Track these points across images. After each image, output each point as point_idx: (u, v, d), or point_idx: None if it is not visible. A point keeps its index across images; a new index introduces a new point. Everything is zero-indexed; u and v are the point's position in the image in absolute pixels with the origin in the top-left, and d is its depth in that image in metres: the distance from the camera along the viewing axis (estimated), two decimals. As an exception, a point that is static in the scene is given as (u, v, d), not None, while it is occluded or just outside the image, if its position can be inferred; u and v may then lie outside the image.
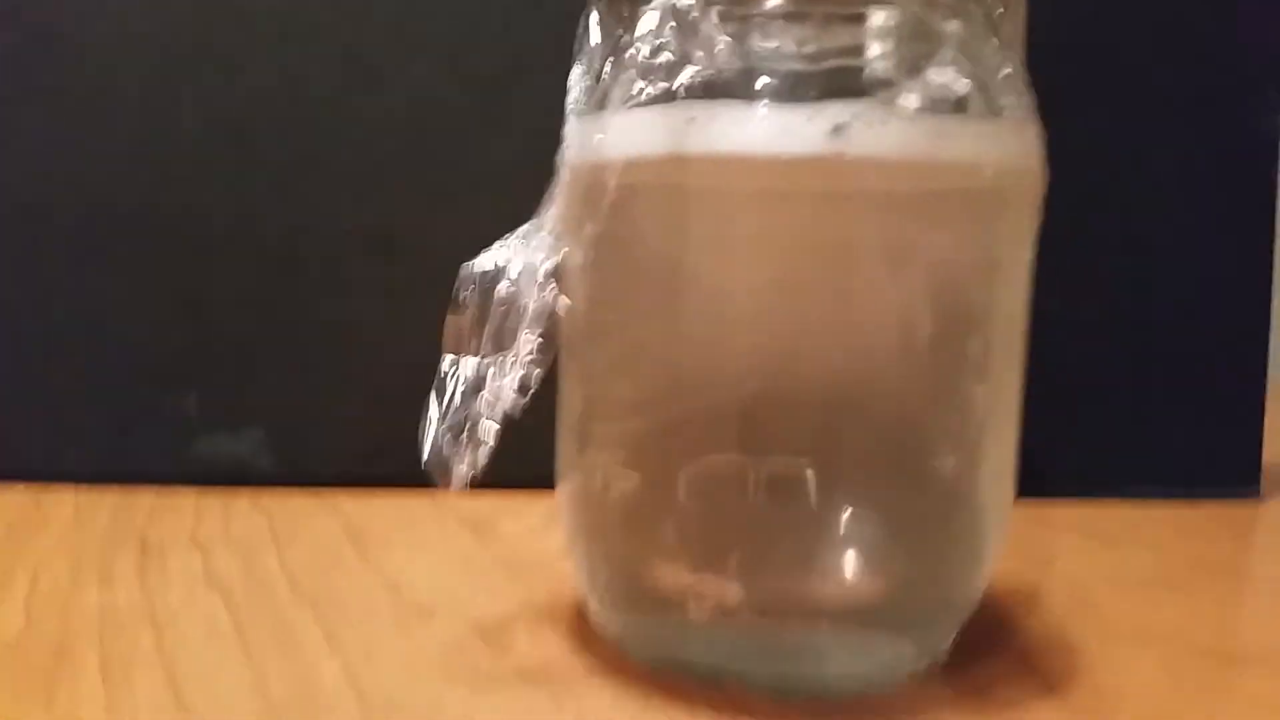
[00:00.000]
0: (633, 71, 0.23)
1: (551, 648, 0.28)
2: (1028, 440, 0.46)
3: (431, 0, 0.42)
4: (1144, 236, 0.46)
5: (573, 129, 0.26)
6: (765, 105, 0.22)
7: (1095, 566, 0.36)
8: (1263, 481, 0.46)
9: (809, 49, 0.22)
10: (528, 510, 0.40)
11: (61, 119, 0.42)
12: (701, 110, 0.22)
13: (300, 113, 0.42)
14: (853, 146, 0.21)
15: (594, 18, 0.26)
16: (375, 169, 0.43)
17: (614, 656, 0.27)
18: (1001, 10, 0.24)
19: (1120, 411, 0.46)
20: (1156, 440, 0.46)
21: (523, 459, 0.26)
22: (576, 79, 0.26)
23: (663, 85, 0.22)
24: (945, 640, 0.27)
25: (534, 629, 0.29)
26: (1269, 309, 0.46)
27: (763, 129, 0.21)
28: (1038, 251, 0.27)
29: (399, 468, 0.42)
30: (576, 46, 0.26)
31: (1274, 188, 0.46)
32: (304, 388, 0.43)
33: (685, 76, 0.22)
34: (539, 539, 0.37)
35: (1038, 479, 0.45)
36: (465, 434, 0.25)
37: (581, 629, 0.29)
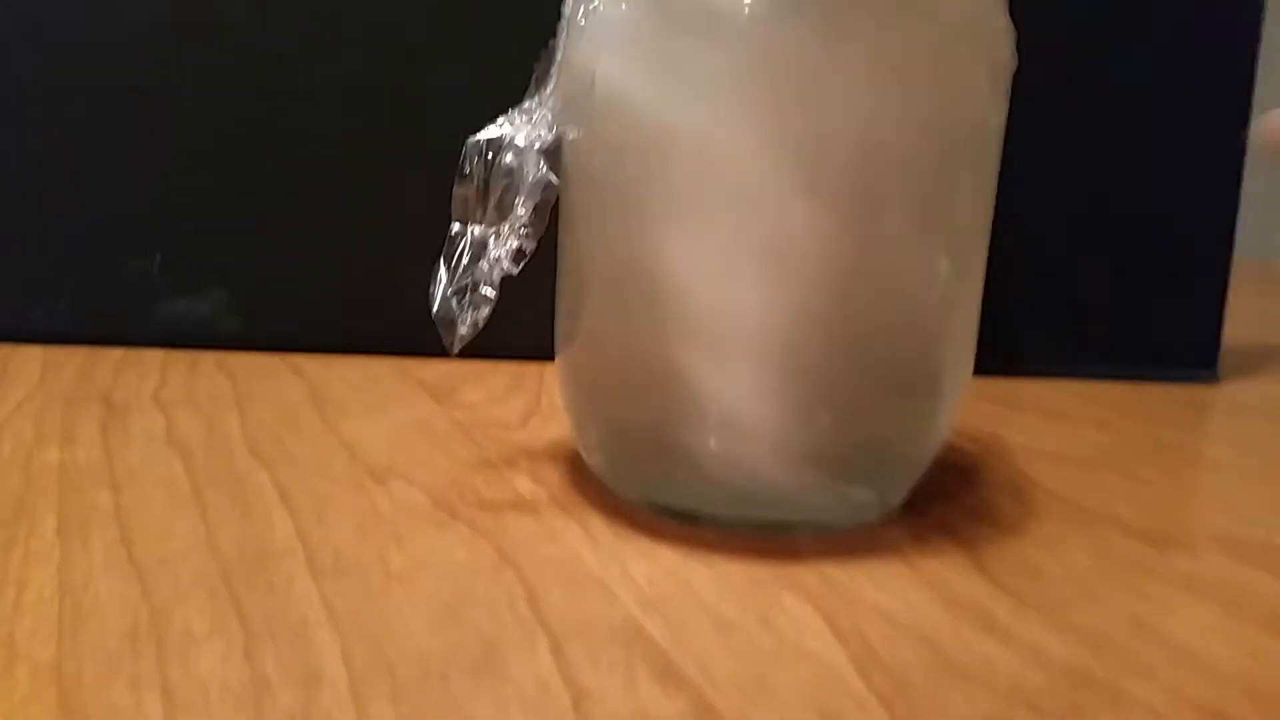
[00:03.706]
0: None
1: (500, 509, 0.29)
2: (998, 319, 0.47)
3: None
4: (1116, 116, 0.45)
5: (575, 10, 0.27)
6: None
7: (1046, 443, 0.37)
8: (1220, 364, 0.47)
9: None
10: (490, 378, 0.41)
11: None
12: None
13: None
14: None
15: None
16: (337, 24, 0.42)
17: (570, 508, 0.28)
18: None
19: (1088, 292, 0.46)
20: (1121, 321, 0.47)
21: (489, 330, 0.28)
22: None
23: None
24: (900, 494, 0.29)
25: (481, 491, 0.30)
26: (1239, 188, 0.46)
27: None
28: (1016, 145, 0.28)
29: (366, 334, 0.43)
30: None
31: (1254, 68, 0.45)
32: (268, 252, 0.43)
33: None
34: (500, 405, 0.38)
35: (1008, 357, 0.46)
36: (468, 297, 0.27)
37: (533, 491, 0.30)
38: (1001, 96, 0.28)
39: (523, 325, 0.30)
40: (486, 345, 0.28)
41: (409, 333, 0.27)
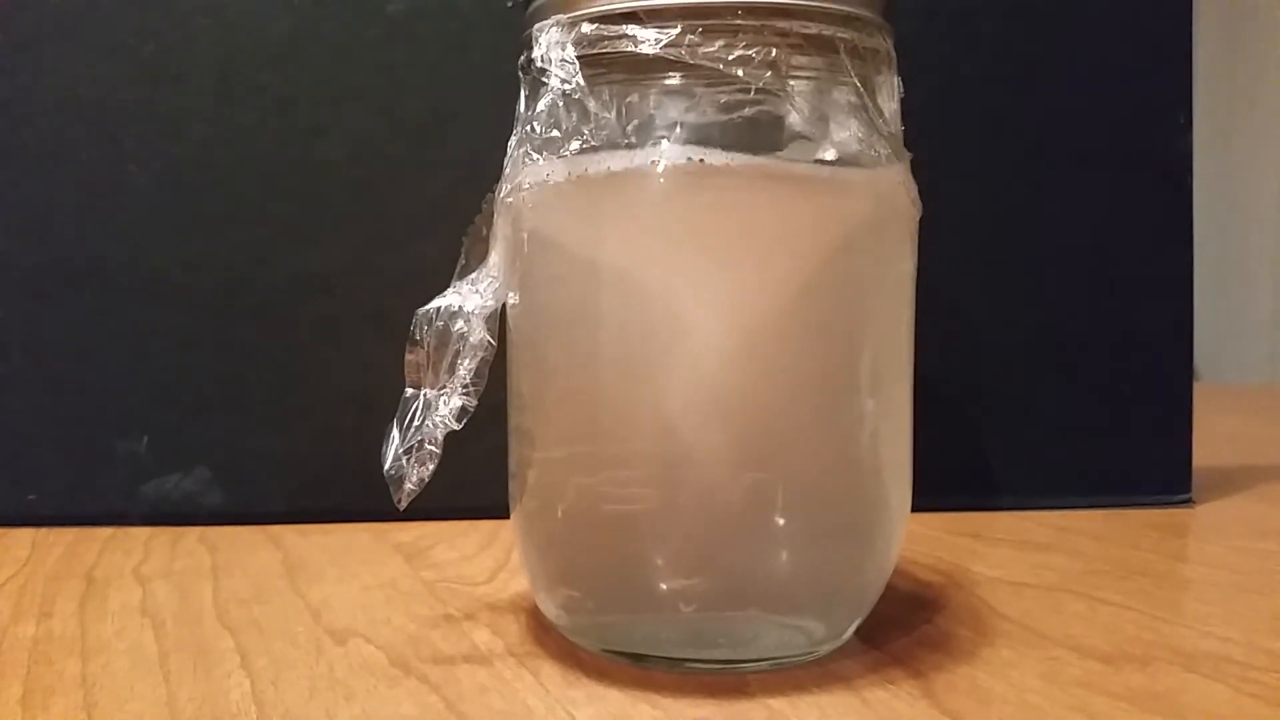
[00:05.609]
0: (528, 146, 0.28)
1: (454, 662, 0.29)
2: (971, 455, 0.48)
3: (362, 52, 0.44)
4: (1070, 255, 0.47)
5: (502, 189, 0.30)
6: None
7: (1013, 572, 0.37)
8: (1195, 488, 0.47)
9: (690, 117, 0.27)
10: (464, 538, 0.41)
11: (12, 175, 0.44)
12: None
13: (240, 163, 0.44)
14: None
15: (523, 93, 0.29)
16: (312, 215, 0.45)
17: (524, 657, 0.28)
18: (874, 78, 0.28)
19: (1060, 424, 0.47)
20: (1094, 452, 0.47)
21: (467, 489, 0.29)
22: (512, 146, 0.29)
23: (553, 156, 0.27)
24: (849, 626, 0.30)
25: (438, 646, 0.30)
26: (1191, 318, 0.47)
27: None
28: (977, 280, 0.30)
29: (344, 500, 0.44)
30: (515, 116, 0.30)
31: (1189, 205, 0.47)
32: (249, 427, 0.44)
33: (574, 146, 0.27)
34: (470, 563, 0.39)
35: (983, 492, 0.47)
36: (415, 453, 0.29)
37: (490, 644, 0.30)
38: (909, 245, 0.29)
39: (499, 485, 0.31)
40: (466, 506, 0.29)
41: (386, 499, 0.29)
